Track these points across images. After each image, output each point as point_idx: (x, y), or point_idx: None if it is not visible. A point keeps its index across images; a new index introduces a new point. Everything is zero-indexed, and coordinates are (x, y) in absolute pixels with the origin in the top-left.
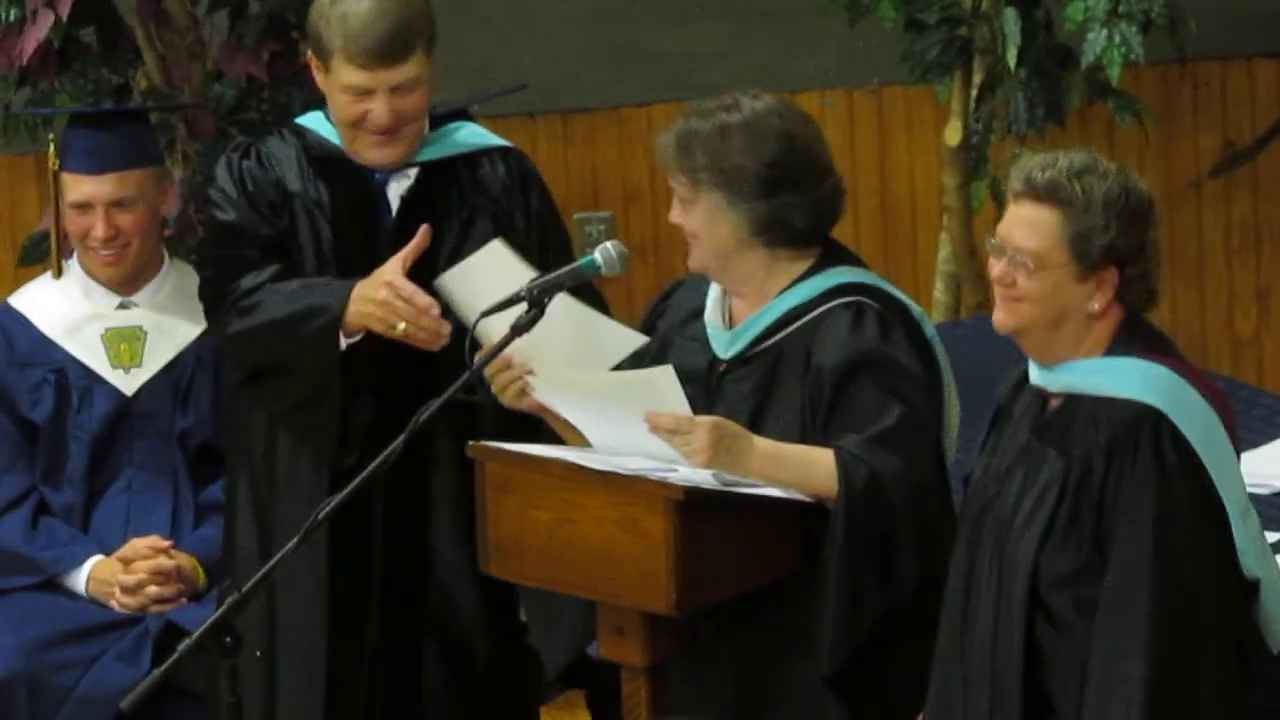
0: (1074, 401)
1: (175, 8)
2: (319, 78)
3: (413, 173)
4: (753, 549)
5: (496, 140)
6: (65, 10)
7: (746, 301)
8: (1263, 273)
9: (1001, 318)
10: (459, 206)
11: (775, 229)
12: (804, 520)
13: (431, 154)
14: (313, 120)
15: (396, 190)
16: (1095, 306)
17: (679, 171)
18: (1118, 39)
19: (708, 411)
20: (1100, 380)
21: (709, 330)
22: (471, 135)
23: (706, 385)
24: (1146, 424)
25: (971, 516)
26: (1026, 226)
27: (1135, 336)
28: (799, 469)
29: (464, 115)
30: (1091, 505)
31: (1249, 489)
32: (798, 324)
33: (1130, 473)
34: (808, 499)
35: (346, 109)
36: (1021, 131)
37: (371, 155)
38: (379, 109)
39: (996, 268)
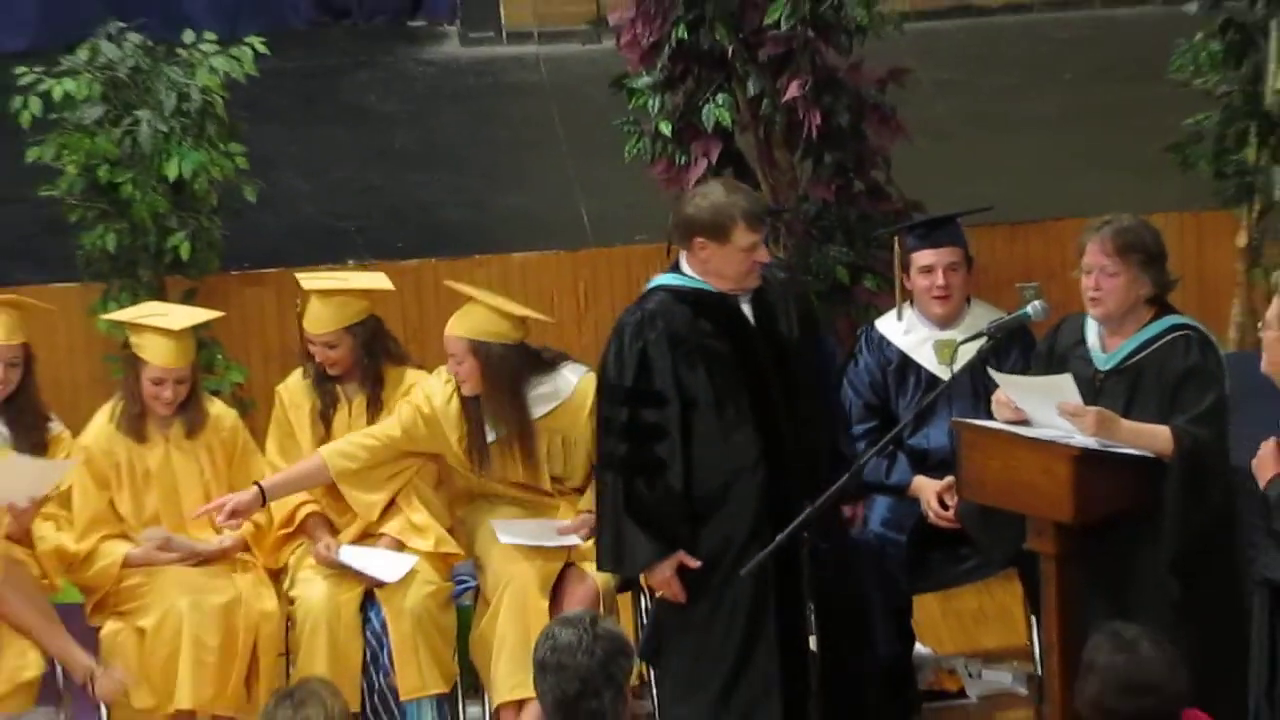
0: None
1: (781, 158)
2: (707, 253)
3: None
4: (1123, 484)
5: None
6: (714, 156)
7: (1116, 336)
8: None
9: None
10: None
11: (1160, 290)
12: (1156, 468)
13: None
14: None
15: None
16: None
17: (1115, 255)
18: None
19: (1094, 402)
20: None
21: (1092, 353)
22: None
23: (1092, 387)
24: None
25: None
26: None
27: None
28: (1150, 438)
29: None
30: None
31: None
32: (1153, 348)
33: None
34: (1155, 455)
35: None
36: None
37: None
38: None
39: None
